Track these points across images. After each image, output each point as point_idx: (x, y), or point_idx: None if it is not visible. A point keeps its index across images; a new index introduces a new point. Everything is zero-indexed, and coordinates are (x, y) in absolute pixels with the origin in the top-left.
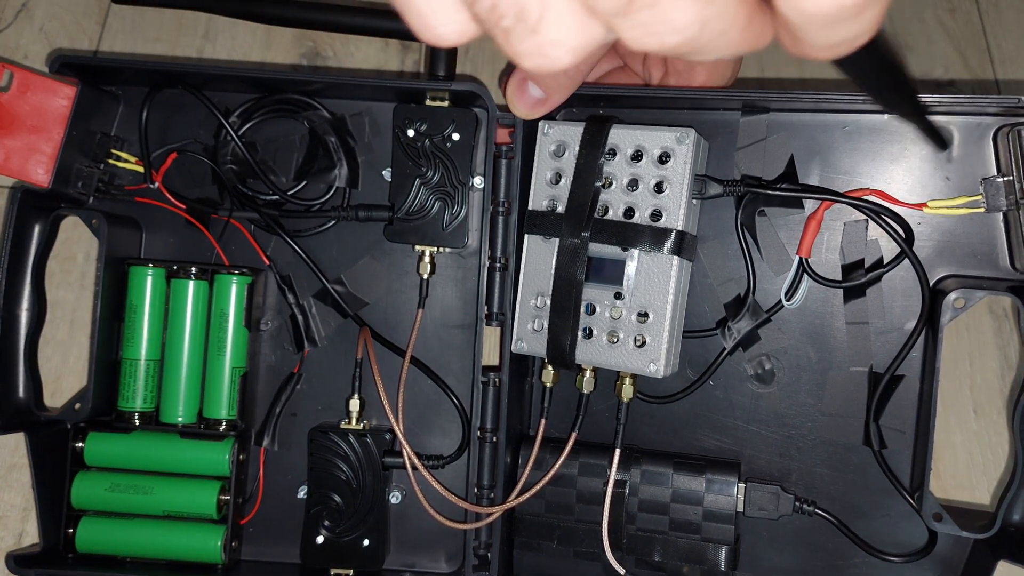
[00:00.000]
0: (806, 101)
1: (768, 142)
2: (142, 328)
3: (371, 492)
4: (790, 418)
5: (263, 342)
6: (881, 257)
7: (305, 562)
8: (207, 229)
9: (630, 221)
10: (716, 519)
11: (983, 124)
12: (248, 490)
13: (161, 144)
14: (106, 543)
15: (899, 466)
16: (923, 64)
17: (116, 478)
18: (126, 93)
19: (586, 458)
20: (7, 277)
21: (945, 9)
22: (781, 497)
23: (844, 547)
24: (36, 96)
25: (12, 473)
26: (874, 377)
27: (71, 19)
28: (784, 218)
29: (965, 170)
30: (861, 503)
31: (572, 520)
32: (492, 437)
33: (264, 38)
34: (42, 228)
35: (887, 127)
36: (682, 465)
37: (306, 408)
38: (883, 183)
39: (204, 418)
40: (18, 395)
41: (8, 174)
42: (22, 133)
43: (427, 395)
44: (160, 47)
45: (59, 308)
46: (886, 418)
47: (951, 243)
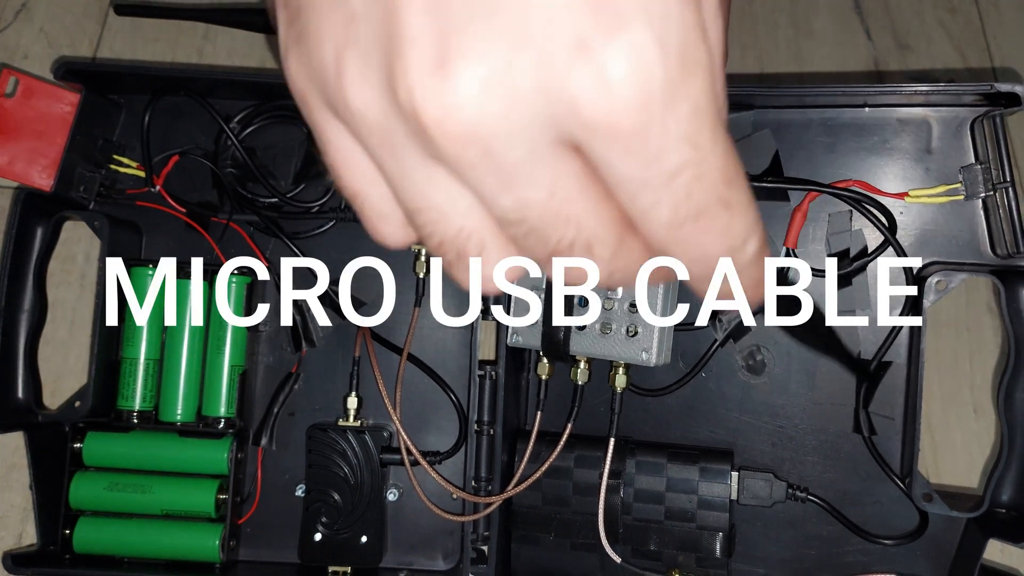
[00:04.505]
0: (790, 97)
1: (754, 138)
2: (142, 328)
3: (369, 489)
4: (781, 407)
5: (261, 343)
6: (865, 246)
7: (303, 560)
8: (207, 232)
9: None
10: (710, 507)
11: (960, 115)
12: (246, 490)
13: (162, 149)
14: (104, 543)
15: (889, 452)
16: (923, 64)
17: (114, 477)
18: (128, 99)
19: (582, 450)
20: (9, 279)
21: (945, 9)
22: (774, 484)
23: (838, 534)
24: (40, 102)
25: (12, 473)
26: (862, 365)
27: (71, 19)
28: (771, 211)
29: (945, 160)
30: (853, 490)
31: (569, 512)
32: (489, 430)
33: (264, 39)
34: (44, 230)
35: (869, 121)
36: (676, 455)
37: (304, 408)
38: (866, 175)
39: (203, 416)
40: (17, 395)
41: (11, 178)
42: (26, 138)
43: (424, 393)
44: (160, 47)
45: (59, 308)
46: (875, 405)
47: (933, 231)
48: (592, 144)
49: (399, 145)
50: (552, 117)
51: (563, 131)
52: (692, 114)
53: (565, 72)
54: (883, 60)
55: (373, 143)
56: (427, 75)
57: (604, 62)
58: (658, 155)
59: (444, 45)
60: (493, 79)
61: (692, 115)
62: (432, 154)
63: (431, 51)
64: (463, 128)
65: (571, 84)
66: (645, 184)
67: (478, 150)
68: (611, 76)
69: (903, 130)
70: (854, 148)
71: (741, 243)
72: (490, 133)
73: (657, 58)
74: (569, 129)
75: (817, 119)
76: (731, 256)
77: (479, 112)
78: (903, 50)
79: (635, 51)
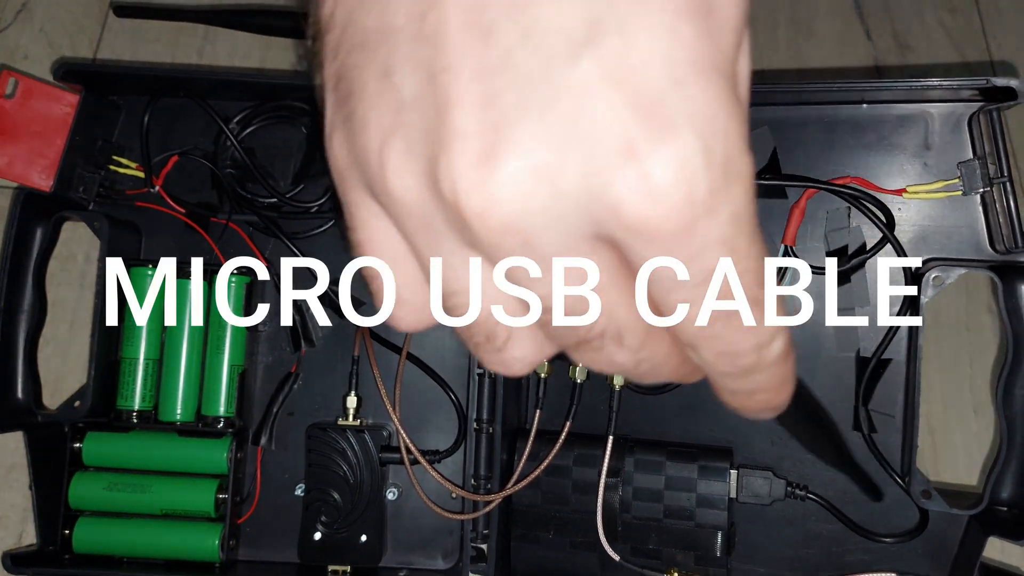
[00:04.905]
0: (787, 94)
1: (751, 136)
2: (141, 327)
3: (368, 488)
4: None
5: (260, 343)
6: (864, 243)
7: (303, 559)
8: (206, 232)
9: None
10: (709, 505)
11: (958, 111)
12: (245, 489)
13: (162, 149)
14: (103, 543)
15: (889, 450)
16: (923, 63)
17: (114, 477)
18: (127, 100)
19: (581, 449)
20: (8, 279)
21: (945, 9)
22: (773, 482)
23: (838, 533)
24: (39, 103)
25: (12, 473)
26: (862, 362)
27: (71, 19)
28: (769, 208)
29: (942, 156)
30: (852, 488)
31: (568, 510)
32: (488, 429)
33: (264, 38)
34: (44, 231)
35: (866, 118)
36: (675, 453)
37: (303, 407)
38: (864, 171)
39: (202, 416)
40: (17, 395)
41: (11, 178)
42: (25, 139)
43: (423, 393)
44: (160, 47)
45: (59, 308)
46: (875, 403)
47: (932, 227)
48: (631, 244)
49: (437, 230)
50: (594, 215)
51: (603, 229)
52: (731, 221)
53: (611, 174)
54: (883, 60)
55: (410, 226)
56: (473, 167)
57: (650, 168)
58: (695, 257)
59: (492, 139)
60: (538, 175)
61: (731, 222)
62: (470, 242)
63: (479, 144)
64: (504, 221)
65: (616, 186)
66: (680, 284)
67: (517, 241)
68: (657, 182)
69: (901, 126)
70: (852, 145)
71: (768, 340)
72: (530, 226)
73: (702, 167)
74: (610, 229)
75: (815, 116)
76: (757, 352)
77: (521, 207)
78: (903, 50)
79: (681, 159)
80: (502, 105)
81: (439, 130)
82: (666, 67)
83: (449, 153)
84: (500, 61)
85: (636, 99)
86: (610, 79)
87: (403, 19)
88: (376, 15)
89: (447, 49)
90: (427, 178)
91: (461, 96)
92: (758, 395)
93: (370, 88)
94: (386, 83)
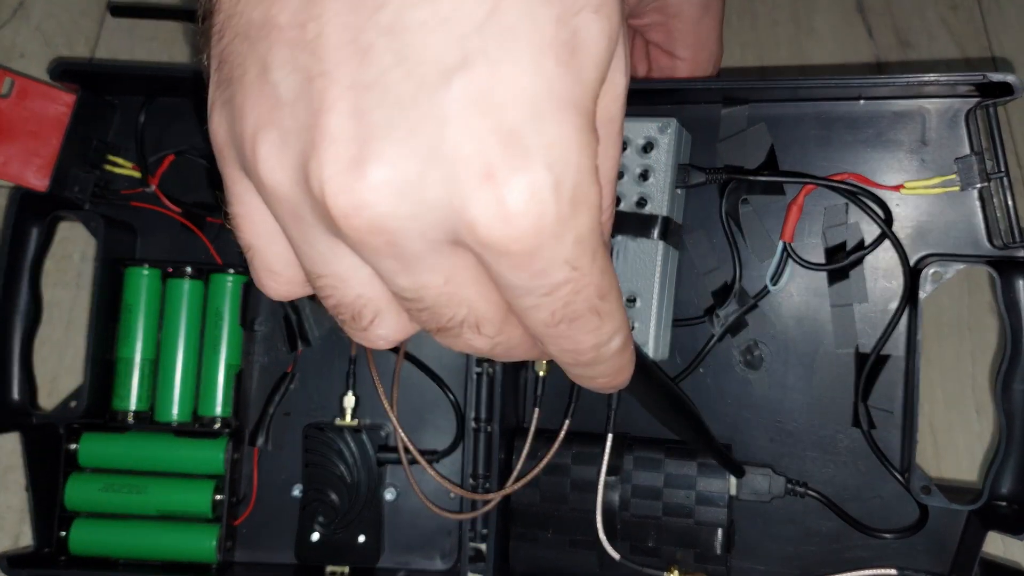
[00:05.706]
0: (784, 90)
1: (749, 133)
2: (137, 328)
3: (366, 488)
4: (779, 402)
5: (256, 343)
6: (862, 239)
7: (300, 560)
8: (202, 232)
9: (616, 209)
10: (709, 502)
11: (955, 106)
12: (242, 490)
13: (158, 149)
14: (99, 544)
15: (889, 446)
16: (925, 61)
17: (110, 478)
18: (123, 100)
19: (580, 447)
20: (4, 279)
21: (947, 6)
22: (773, 479)
23: (838, 530)
24: (35, 102)
25: (9, 475)
26: (861, 358)
27: (68, 18)
28: (767, 205)
29: (940, 152)
30: (852, 485)
31: (567, 509)
32: (486, 428)
33: None
34: (39, 230)
35: (863, 114)
36: (674, 451)
37: (300, 408)
38: (861, 167)
39: (199, 416)
40: (13, 396)
41: (6, 178)
42: (21, 138)
43: (422, 393)
44: (157, 46)
45: (55, 308)
46: (874, 398)
47: (930, 223)
48: (484, 256)
49: (305, 219)
50: (453, 226)
51: (461, 239)
52: (575, 243)
53: (468, 194)
54: (884, 57)
55: (280, 211)
56: (341, 172)
57: (506, 193)
58: (541, 273)
59: (362, 147)
60: (403, 186)
61: (575, 244)
62: (336, 235)
63: (349, 149)
64: (369, 223)
65: (472, 206)
66: (528, 292)
67: (381, 241)
68: (509, 207)
69: (898, 122)
70: (849, 141)
71: (607, 340)
72: (395, 229)
73: (551, 197)
74: (467, 241)
75: (812, 112)
76: (596, 350)
77: (386, 212)
78: (905, 47)
79: (533, 189)
80: (374, 119)
81: (312, 131)
82: (528, 100)
83: (320, 154)
84: (374, 80)
85: (498, 127)
86: (476, 106)
87: (286, 18)
88: (262, 9)
89: (325, 58)
90: (298, 173)
91: (335, 103)
92: (598, 379)
93: (248, 79)
94: (264, 78)
